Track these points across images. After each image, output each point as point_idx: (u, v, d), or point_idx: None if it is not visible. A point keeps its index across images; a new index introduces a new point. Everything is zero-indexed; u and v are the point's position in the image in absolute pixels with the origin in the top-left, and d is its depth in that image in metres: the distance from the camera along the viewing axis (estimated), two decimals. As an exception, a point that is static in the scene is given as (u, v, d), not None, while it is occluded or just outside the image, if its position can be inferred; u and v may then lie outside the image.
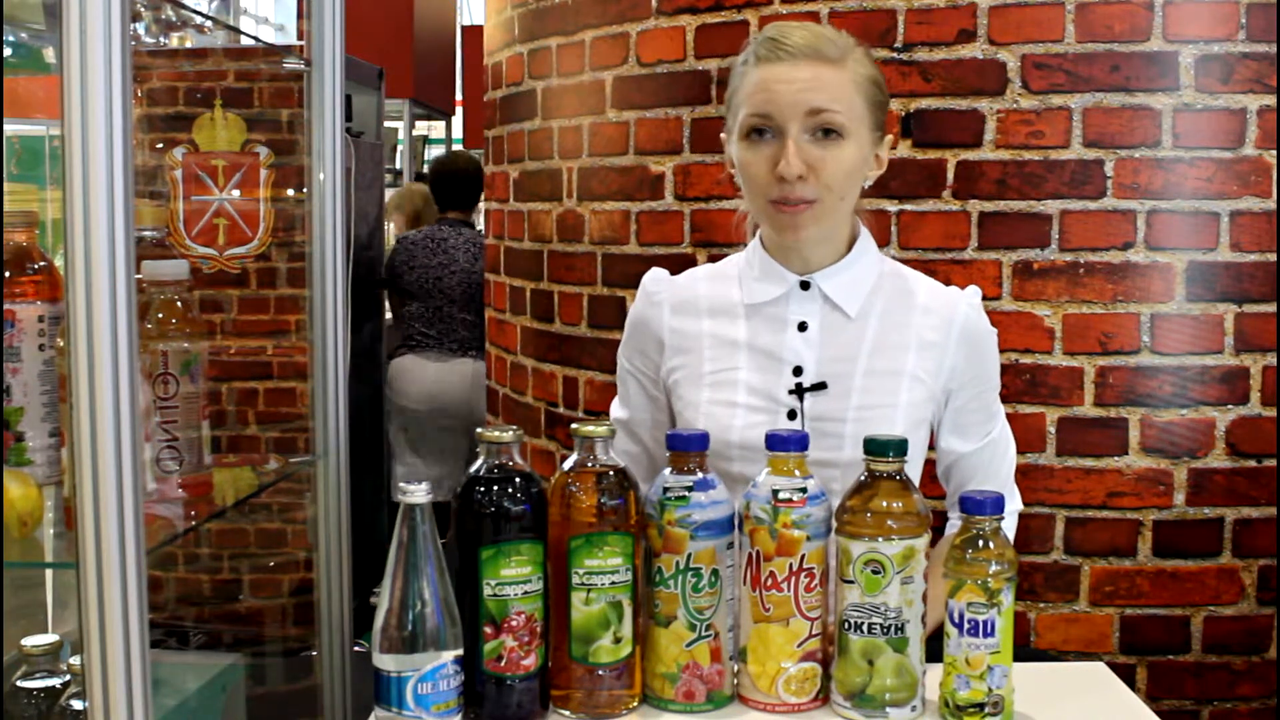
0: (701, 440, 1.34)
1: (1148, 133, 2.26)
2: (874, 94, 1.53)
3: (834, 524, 1.31)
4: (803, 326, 1.57)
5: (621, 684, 1.32)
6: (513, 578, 1.27)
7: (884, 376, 1.55)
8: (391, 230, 5.25)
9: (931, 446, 1.66)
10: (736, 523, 1.33)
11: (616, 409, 1.73)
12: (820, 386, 1.55)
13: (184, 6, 3.37)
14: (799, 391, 1.55)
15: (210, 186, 1.77)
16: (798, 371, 1.56)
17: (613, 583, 1.30)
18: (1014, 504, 1.71)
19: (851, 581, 1.29)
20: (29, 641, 1.59)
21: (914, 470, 1.57)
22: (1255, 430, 2.29)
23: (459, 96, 9.13)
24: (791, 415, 1.55)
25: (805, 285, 1.58)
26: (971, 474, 1.64)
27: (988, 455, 1.65)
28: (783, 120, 1.49)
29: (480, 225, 4.53)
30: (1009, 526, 1.69)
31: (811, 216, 1.51)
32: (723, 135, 1.60)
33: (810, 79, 1.48)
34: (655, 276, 1.69)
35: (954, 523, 1.65)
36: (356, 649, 1.79)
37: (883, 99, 1.56)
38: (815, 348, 1.57)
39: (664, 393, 1.67)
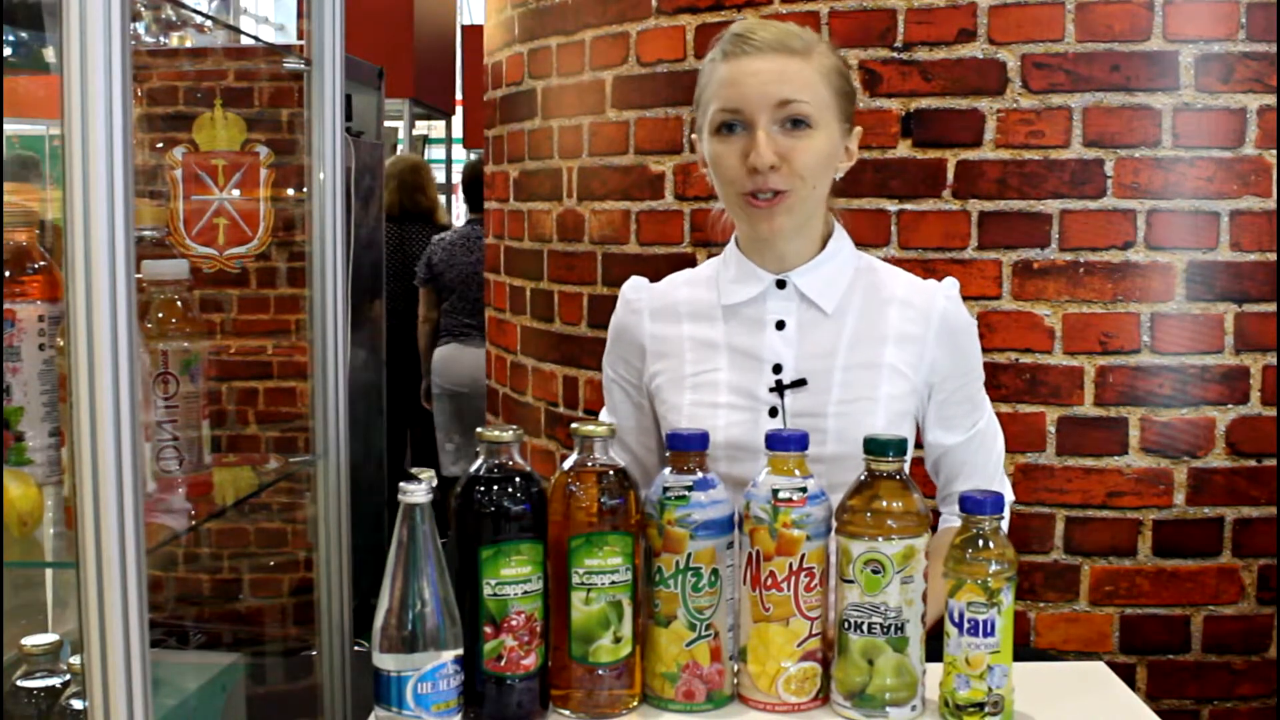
0: (702, 440, 1.34)
1: (1148, 132, 2.26)
2: (840, 85, 1.55)
3: (834, 524, 1.31)
4: (780, 325, 1.58)
5: (621, 684, 1.32)
6: (513, 577, 1.27)
7: (863, 370, 1.56)
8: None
9: (920, 443, 1.67)
10: (736, 522, 1.33)
11: (604, 417, 1.74)
12: (800, 383, 1.56)
13: (184, 6, 3.37)
14: (779, 389, 1.56)
15: (210, 186, 1.77)
16: (777, 369, 1.57)
17: (613, 582, 1.30)
18: (1008, 494, 1.71)
19: (851, 581, 1.29)
20: (29, 641, 1.59)
21: None
22: (1255, 430, 2.29)
23: (459, 96, 9.13)
24: (773, 413, 1.56)
25: (781, 284, 1.59)
26: (960, 467, 1.65)
27: (975, 447, 1.65)
28: (752, 112, 1.50)
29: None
30: (1007, 522, 1.70)
31: (784, 207, 1.52)
32: (693, 135, 1.62)
33: (777, 71, 1.50)
34: (634, 284, 1.71)
35: (947, 517, 1.65)
36: (356, 649, 1.79)
37: (849, 90, 1.57)
38: (794, 345, 1.57)
39: (647, 399, 1.68)
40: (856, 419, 1.53)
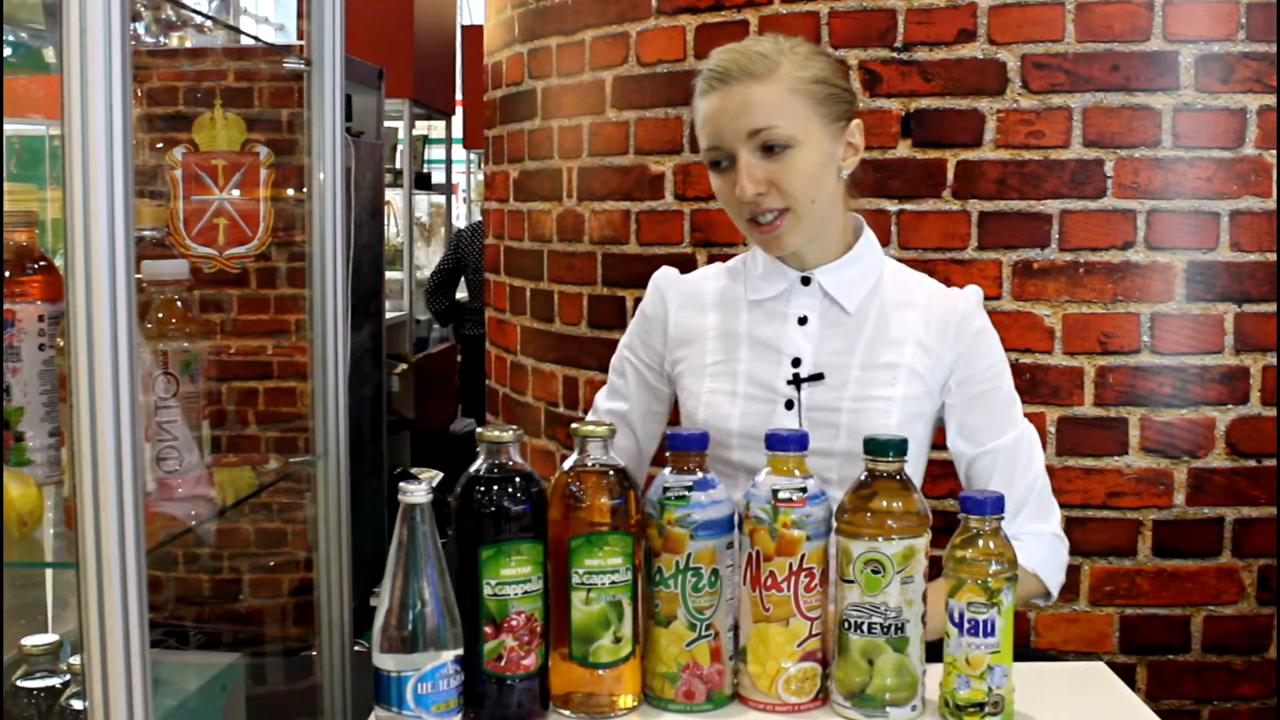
0: (701, 440, 1.34)
1: (1148, 133, 2.26)
2: (817, 91, 1.53)
3: (834, 524, 1.31)
4: (803, 320, 1.61)
5: (621, 684, 1.32)
6: (513, 577, 1.27)
7: (880, 369, 1.58)
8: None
9: (943, 444, 1.66)
10: (736, 522, 1.33)
11: (604, 399, 1.76)
12: (817, 377, 1.58)
13: (184, 6, 3.37)
14: (796, 382, 1.58)
15: (210, 186, 1.77)
16: (796, 363, 1.59)
17: (613, 582, 1.30)
18: (1045, 525, 1.63)
19: (851, 581, 1.29)
20: (29, 641, 1.59)
21: (915, 467, 1.57)
22: (1255, 430, 2.29)
23: (459, 96, 9.12)
24: (789, 405, 1.58)
25: (806, 281, 1.61)
26: (984, 483, 1.61)
27: (997, 466, 1.60)
28: (729, 148, 1.53)
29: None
30: (1050, 555, 1.61)
31: (787, 227, 1.54)
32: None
33: (741, 103, 1.51)
34: (665, 274, 1.74)
35: None
36: (356, 649, 1.79)
37: (831, 91, 1.55)
38: (814, 340, 1.60)
39: (666, 384, 1.71)
40: (870, 416, 1.55)
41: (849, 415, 1.56)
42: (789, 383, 1.58)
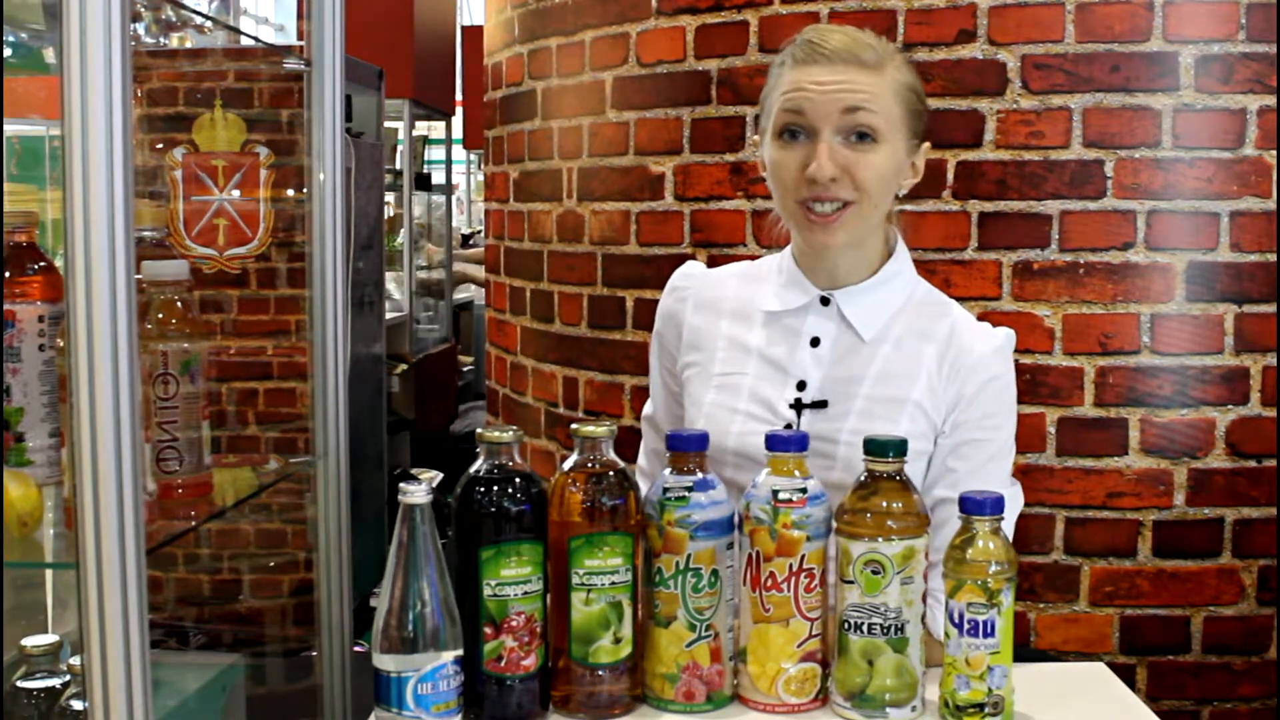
0: (701, 440, 1.34)
1: (1148, 133, 2.26)
2: (911, 101, 1.52)
3: (834, 524, 1.31)
4: (815, 342, 1.56)
5: (621, 684, 1.32)
6: (513, 578, 1.27)
7: (886, 403, 1.52)
8: None
9: None
10: (736, 523, 1.33)
11: (647, 406, 1.76)
12: (820, 405, 1.53)
13: (184, 6, 3.37)
14: (798, 406, 1.54)
15: (210, 186, 1.77)
16: (801, 386, 1.54)
17: (613, 583, 1.30)
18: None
19: (851, 582, 1.29)
20: (29, 641, 1.59)
21: None
22: (1255, 430, 2.29)
23: (459, 96, 9.12)
24: (787, 429, 1.53)
25: (825, 301, 1.56)
26: (936, 532, 1.39)
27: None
28: (816, 120, 1.47)
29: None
30: None
31: (842, 222, 1.49)
32: (755, 137, 1.59)
33: (845, 81, 1.47)
34: (685, 272, 1.69)
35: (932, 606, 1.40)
36: (356, 649, 1.79)
37: (920, 107, 1.54)
38: (824, 365, 1.55)
39: (680, 386, 1.67)
40: None
41: (846, 448, 1.49)
42: (791, 406, 1.54)
